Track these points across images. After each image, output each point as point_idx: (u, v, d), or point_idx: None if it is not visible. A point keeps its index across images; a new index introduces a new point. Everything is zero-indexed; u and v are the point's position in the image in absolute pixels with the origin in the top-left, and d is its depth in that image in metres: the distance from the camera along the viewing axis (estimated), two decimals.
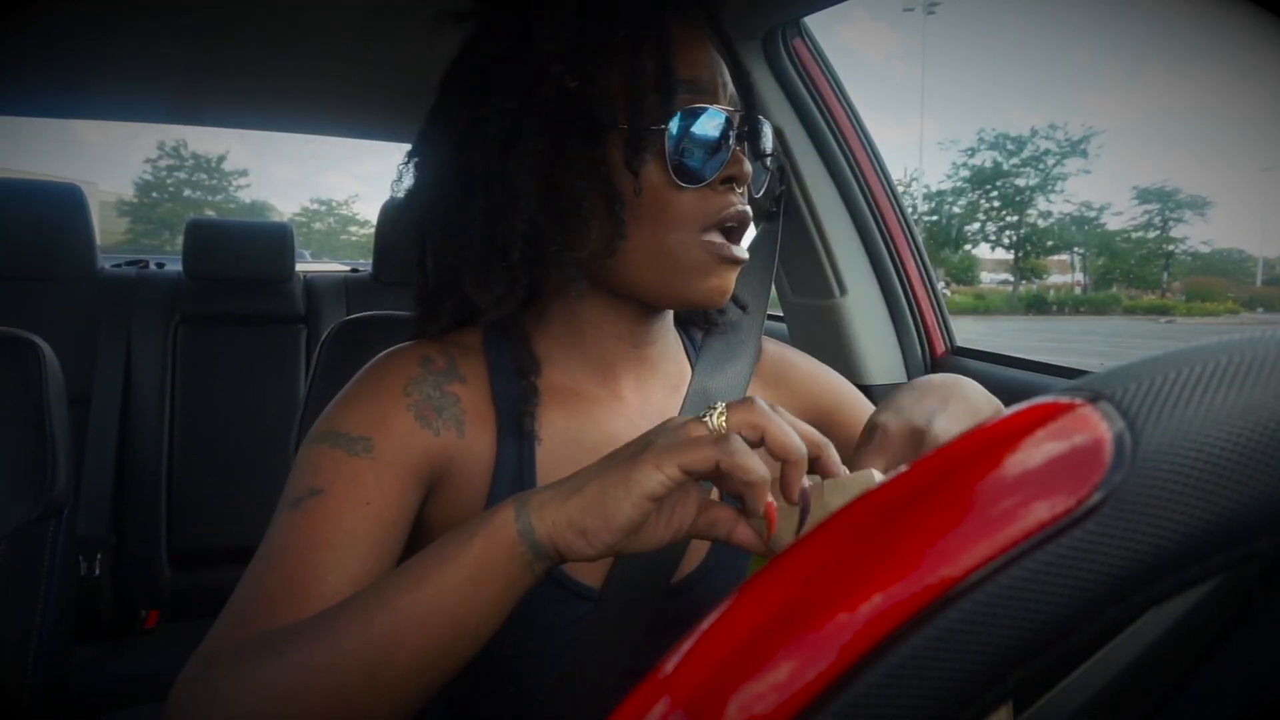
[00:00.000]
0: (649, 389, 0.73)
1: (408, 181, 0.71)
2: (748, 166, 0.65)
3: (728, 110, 0.63)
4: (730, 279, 0.66)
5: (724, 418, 0.50)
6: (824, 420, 0.78)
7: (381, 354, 0.69)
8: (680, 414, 0.71)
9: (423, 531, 0.66)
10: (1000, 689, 0.18)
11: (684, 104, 0.62)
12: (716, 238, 0.64)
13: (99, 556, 1.84)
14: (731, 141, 0.63)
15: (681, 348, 0.78)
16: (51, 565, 0.95)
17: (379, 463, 0.61)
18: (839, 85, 1.29)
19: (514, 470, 0.66)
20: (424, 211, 0.69)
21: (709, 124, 0.63)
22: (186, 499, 2.01)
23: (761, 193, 0.71)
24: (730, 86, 0.67)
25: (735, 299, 0.78)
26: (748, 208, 0.66)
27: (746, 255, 0.66)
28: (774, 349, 0.83)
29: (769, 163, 0.72)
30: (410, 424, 0.63)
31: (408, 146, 0.72)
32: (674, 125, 0.61)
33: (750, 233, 0.68)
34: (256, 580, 0.56)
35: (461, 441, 0.66)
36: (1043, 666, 0.18)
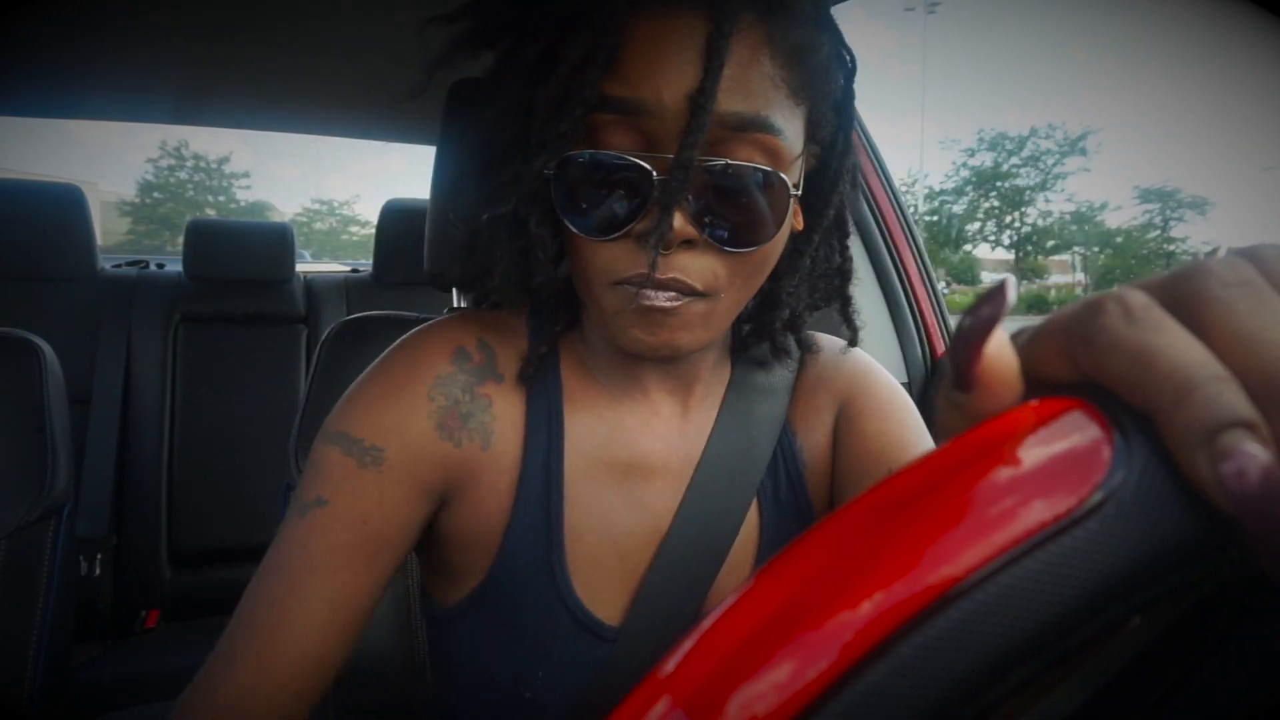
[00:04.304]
0: (691, 394, 0.64)
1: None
2: (671, 225, 0.48)
3: (643, 158, 0.49)
4: (658, 332, 0.52)
5: None
6: (844, 428, 0.65)
7: (414, 334, 0.62)
8: (715, 426, 0.63)
9: (440, 540, 0.62)
10: (1002, 688, 0.18)
11: (597, 134, 0.50)
12: (629, 286, 0.51)
13: (99, 556, 1.84)
14: (646, 194, 0.49)
15: (725, 341, 0.66)
16: (51, 565, 0.95)
17: (386, 477, 0.57)
18: None
19: (540, 495, 0.60)
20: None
21: (599, 175, 0.49)
22: (186, 499, 2.01)
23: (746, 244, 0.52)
24: (744, 87, 0.49)
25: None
26: (667, 274, 0.50)
27: (676, 302, 0.51)
28: (829, 344, 0.71)
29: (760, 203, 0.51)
30: (429, 433, 0.59)
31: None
32: (556, 171, 0.50)
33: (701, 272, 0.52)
34: (250, 605, 0.56)
35: (486, 454, 0.60)
36: (1043, 666, 0.18)
